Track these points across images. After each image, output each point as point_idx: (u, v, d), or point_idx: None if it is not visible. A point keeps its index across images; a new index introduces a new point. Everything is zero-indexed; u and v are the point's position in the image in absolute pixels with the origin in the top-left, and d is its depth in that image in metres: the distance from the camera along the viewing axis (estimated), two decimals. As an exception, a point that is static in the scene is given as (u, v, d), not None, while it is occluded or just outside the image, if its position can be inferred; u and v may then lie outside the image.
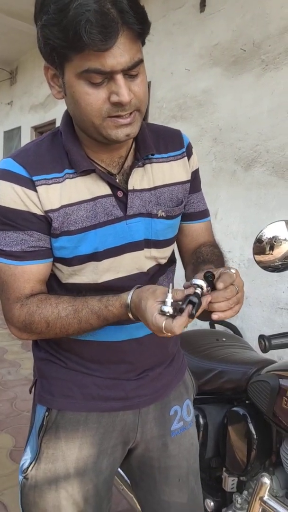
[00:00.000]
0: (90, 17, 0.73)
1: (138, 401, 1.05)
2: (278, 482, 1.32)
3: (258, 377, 1.39)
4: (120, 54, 0.78)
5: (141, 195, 0.97)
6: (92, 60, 0.78)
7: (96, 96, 0.81)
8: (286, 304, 2.69)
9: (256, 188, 2.87)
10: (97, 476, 1.03)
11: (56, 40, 0.77)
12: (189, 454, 1.14)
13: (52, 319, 0.91)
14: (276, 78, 2.66)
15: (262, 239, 1.04)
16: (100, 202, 0.94)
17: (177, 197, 1.03)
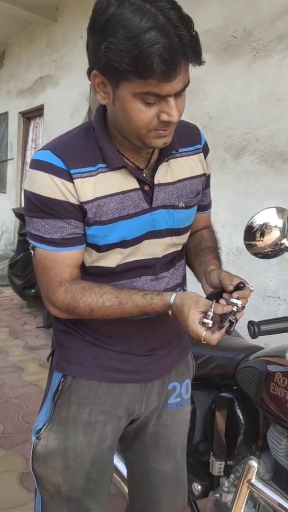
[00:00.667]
0: (162, 53, 0.80)
1: (146, 376, 1.15)
2: (265, 465, 1.34)
3: (246, 363, 1.41)
4: (176, 82, 0.86)
5: (165, 189, 1.06)
6: (153, 85, 0.85)
7: (148, 113, 0.89)
8: (273, 292, 2.71)
9: (245, 177, 2.87)
10: (103, 441, 1.13)
11: (123, 64, 0.83)
12: (180, 428, 1.26)
13: (97, 307, 1.01)
14: (267, 66, 2.66)
15: (253, 226, 1.05)
16: (129, 195, 1.02)
17: (196, 189, 1.13)
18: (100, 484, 1.15)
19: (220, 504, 1.39)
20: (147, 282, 1.11)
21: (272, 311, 2.74)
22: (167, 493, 1.28)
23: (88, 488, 1.13)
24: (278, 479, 1.29)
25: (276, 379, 1.21)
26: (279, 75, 2.59)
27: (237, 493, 1.14)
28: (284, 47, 2.56)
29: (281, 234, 1.05)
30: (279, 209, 1.05)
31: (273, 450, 1.28)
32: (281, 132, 2.61)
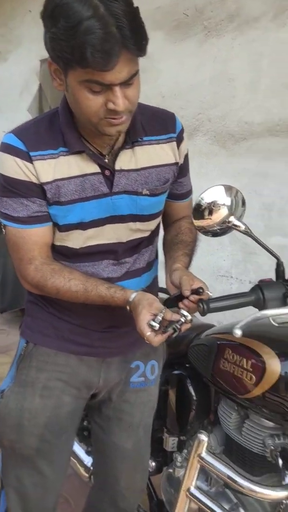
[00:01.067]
0: (95, 44, 0.83)
1: (102, 351, 1.22)
2: (216, 439, 1.37)
3: (197, 341, 1.43)
4: (118, 71, 0.89)
5: (127, 175, 1.10)
6: (94, 74, 0.89)
7: (95, 101, 0.93)
8: (226, 271, 2.76)
9: (198, 157, 2.88)
10: (60, 407, 1.21)
11: (64, 53, 0.88)
12: (144, 407, 1.33)
13: (63, 290, 1.09)
14: (218, 45, 2.65)
15: (201, 204, 1.05)
16: (88, 178, 1.07)
17: (164, 177, 1.16)
18: (55, 447, 1.24)
19: (173, 479, 1.42)
20: (108, 266, 1.17)
21: (225, 290, 2.79)
22: (126, 470, 1.33)
23: (41, 449, 1.22)
24: (229, 451, 1.32)
25: (226, 355, 1.23)
26: (230, 54, 2.59)
27: (188, 467, 1.17)
28: (235, 26, 2.56)
29: (229, 212, 1.06)
30: (227, 187, 1.06)
31: (224, 424, 1.31)
32: (233, 112, 2.63)
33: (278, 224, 2.44)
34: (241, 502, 1.27)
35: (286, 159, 2.39)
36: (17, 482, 1.27)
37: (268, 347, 1.14)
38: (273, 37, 2.39)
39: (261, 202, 2.50)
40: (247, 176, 2.57)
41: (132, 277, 1.21)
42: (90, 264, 1.15)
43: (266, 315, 1.01)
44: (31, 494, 1.27)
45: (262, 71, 2.47)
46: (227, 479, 1.10)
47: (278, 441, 1.18)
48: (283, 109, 2.38)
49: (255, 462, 1.24)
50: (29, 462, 1.23)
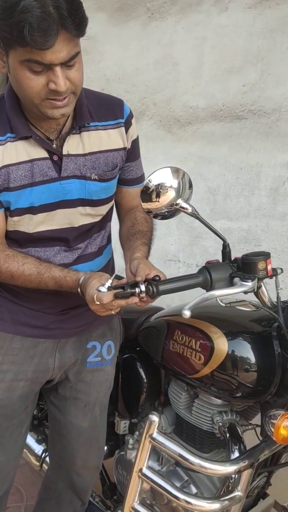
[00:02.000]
0: (32, 22, 0.84)
1: (58, 332, 1.24)
2: (167, 419, 1.40)
3: (147, 323, 1.44)
4: (58, 50, 0.89)
5: (75, 160, 1.11)
6: (34, 53, 0.89)
7: (36, 81, 0.93)
8: (174, 255, 2.80)
9: (144, 142, 2.85)
10: (13, 390, 1.22)
11: (3, 32, 0.88)
12: (100, 387, 1.35)
13: (17, 274, 1.11)
14: (162, 28, 2.64)
15: (149, 187, 1.04)
16: (37, 164, 1.07)
17: (112, 162, 1.17)
18: (5, 430, 1.25)
19: (125, 461, 1.44)
20: (60, 252, 1.18)
21: (173, 273, 2.82)
22: (82, 448, 1.36)
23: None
24: (180, 431, 1.35)
25: (175, 336, 1.25)
26: (174, 38, 2.59)
27: (139, 448, 1.18)
28: (178, 9, 2.55)
29: (176, 195, 1.06)
30: (174, 169, 1.06)
31: (174, 404, 1.33)
32: (177, 97, 2.63)
33: (223, 207, 2.49)
34: (192, 479, 1.30)
35: (230, 143, 2.43)
36: None
37: (215, 327, 1.17)
38: (215, 22, 2.41)
39: (207, 186, 2.54)
40: (193, 160, 2.59)
41: (84, 262, 1.22)
42: (42, 249, 1.16)
43: (214, 295, 1.03)
44: None
45: (205, 55, 2.48)
46: (178, 457, 1.12)
47: (226, 417, 1.22)
48: (226, 94, 2.41)
49: (205, 439, 1.28)
50: None
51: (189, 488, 1.28)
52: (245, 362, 1.13)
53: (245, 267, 1.06)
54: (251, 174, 2.38)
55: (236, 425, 1.21)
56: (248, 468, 1.08)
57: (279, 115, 2.24)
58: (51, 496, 1.47)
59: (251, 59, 2.31)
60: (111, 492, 1.59)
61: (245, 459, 1.09)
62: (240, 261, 1.08)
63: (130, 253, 1.16)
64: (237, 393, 1.15)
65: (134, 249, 1.17)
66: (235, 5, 2.32)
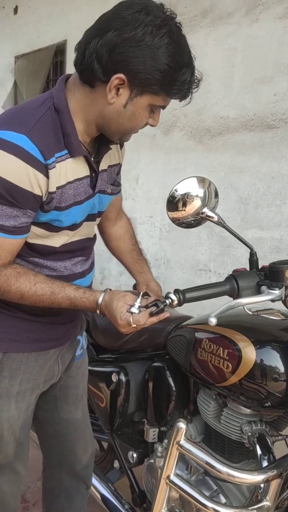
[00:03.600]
0: (192, 85, 1.03)
1: (64, 340, 1.28)
2: (196, 429, 1.40)
3: (175, 332, 1.45)
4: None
5: (102, 175, 1.15)
6: (167, 101, 1.04)
7: (145, 119, 1.05)
8: (204, 265, 2.79)
9: (175, 153, 2.90)
10: (29, 407, 1.25)
11: (164, 85, 0.98)
12: (83, 376, 1.42)
13: (28, 294, 1.07)
14: (192, 41, 2.63)
15: (175, 196, 1.06)
16: (82, 182, 1.09)
17: (116, 176, 1.25)
18: (26, 446, 1.28)
19: (154, 469, 1.44)
20: (81, 261, 1.21)
21: (204, 283, 2.82)
22: (80, 439, 1.40)
23: (18, 452, 1.24)
24: (209, 440, 1.35)
25: (203, 345, 1.25)
26: (204, 50, 2.62)
27: (167, 456, 1.18)
28: (209, 22, 2.59)
29: (202, 204, 1.08)
30: (200, 178, 1.08)
31: (203, 413, 1.33)
32: (208, 107, 2.65)
33: (254, 217, 2.48)
34: (221, 489, 1.29)
35: (261, 153, 2.43)
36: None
37: (243, 335, 1.16)
38: (245, 33, 2.43)
39: (237, 195, 2.54)
40: (223, 170, 2.60)
41: (93, 268, 1.30)
42: (65, 261, 1.18)
43: (240, 303, 1.03)
44: (8, 497, 1.29)
45: (236, 66, 2.50)
46: (206, 465, 1.11)
47: (255, 427, 1.21)
48: (256, 104, 2.41)
49: (234, 449, 1.27)
50: (7, 468, 1.25)
51: (218, 498, 1.27)
52: (273, 371, 1.12)
53: (273, 275, 1.06)
54: (282, 183, 2.36)
55: (266, 436, 1.20)
56: (277, 478, 1.07)
57: (311, 123, 2.23)
58: (59, 493, 1.49)
59: (282, 69, 2.30)
60: (140, 500, 1.59)
61: (273, 469, 1.08)
62: (268, 269, 1.08)
63: (144, 277, 1.42)
64: (266, 403, 1.14)
65: (146, 274, 1.45)
66: (266, 15, 2.33)
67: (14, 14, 4.15)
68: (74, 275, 1.19)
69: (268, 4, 2.32)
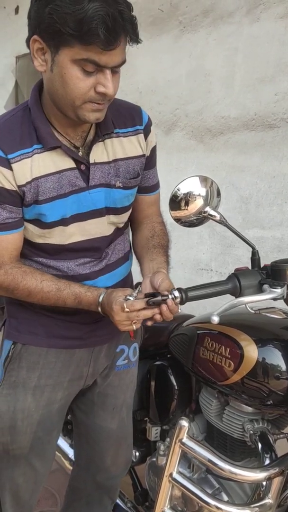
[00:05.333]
0: (107, 21, 0.85)
1: (93, 340, 1.24)
2: (198, 427, 1.40)
3: (177, 331, 1.45)
4: (115, 54, 0.90)
5: (101, 168, 1.10)
6: (93, 52, 0.89)
7: (85, 82, 0.93)
8: (206, 265, 2.80)
9: (176, 152, 2.90)
10: (51, 404, 1.23)
11: (66, 27, 0.86)
12: (127, 389, 1.38)
13: (35, 291, 1.09)
14: (194, 40, 2.67)
15: (177, 195, 1.07)
16: (65, 174, 1.06)
17: (133, 170, 1.16)
18: (46, 443, 1.27)
19: (157, 467, 1.44)
20: (91, 261, 1.17)
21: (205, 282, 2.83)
22: (111, 448, 1.38)
23: (34, 446, 1.24)
24: (211, 438, 1.35)
25: (206, 343, 1.26)
26: (205, 50, 2.62)
27: (170, 453, 1.19)
28: (210, 21, 2.59)
29: (204, 203, 1.08)
30: (202, 177, 1.08)
31: (205, 412, 1.34)
32: (209, 107, 2.66)
33: (256, 216, 2.48)
34: (223, 487, 1.30)
35: (262, 152, 2.43)
36: (11, 483, 1.28)
37: (245, 334, 1.17)
38: (247, 32, 2.43)
39: (239, 195, 2.54)
40: (224, 170, 2.60)
41: (109, 271, 1.22)
42: (73, 261, 1.15)
43: (243, 302, 1.04)
44: (23, 491, 1.29)
45: (237, 66, 2.50)
46: (208, 463, 1.12)
47: (257, 425, 1.21)
48: (258, 103, 2.41)
49: (236, 447, 1.27)
50: (22, 460, 1.25)
51: (220, 496, 1.27)
52: (275, 369, 1.12)
53: (274, 274, 1.07)
54: (283, 182, 2.36)
55: (268, 434, 1.20)
56: (279, 476, 1.07)
57: (312, 123, 2.23)
58: (81, 496, 1.48)
59: (283, 68, 2.30)
60: (143, 498, 1.60)
61: (275, 466, 1.08)
62: (269, 268, 1.09)
63: (153, 265, 1.17)
64: (268, 401, 1.15)
65: (159, 264, 1.17)
66: (267, 15, 2.33)
67: (15, 14, 4.16)
68: (80, 276, 1.16)
69: (269, 3, 2.32)
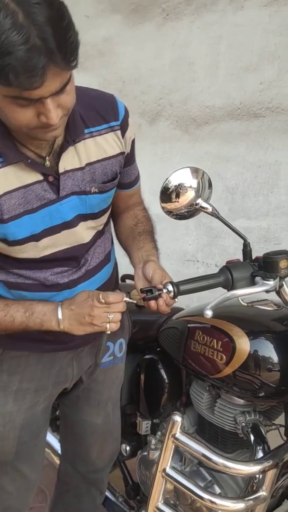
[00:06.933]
0: (17, 65, 0.72)
1: (76, 343, 1.20)
2: (189, 420, 1.40)
3: (167, 324, 1.44)
4: (48, 86, 0.78)
5: (73, 175, 1.01)
6: (21, 92, 0.77)
7: (24, 114, 0.82)
8: (192, 256, 2.79)
9: (161, 142, 2.87)
10: (35, 407, 1.21)
11: None
12: (112, 384, 1.37)
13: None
14: (177, 28, 2.63)
15: (168, 187, 1.05)
16: (31, 189, 0.97)
17: (111, 171, 1.08)
18: (33, 447, 1.24)
19: (148, 461, 1.44)
20: (69, 270, 1.11)
21: (192, 273, 2.81)
22: (97, 443, 1.38)
23: (20, 451, 1.21)
24: (202, 431, 1.35)
25: (197, 337, 1.25)
26: (189, 38, 2.58)
27: (163, 448, 1.18)
28: (193, 9, 2.55)
29: (196, 194, 1.06)
30: (193, 169, 1.06)
31: (196, 405, 1.33)
32: (194, 96, 2.63)
33: (242, 206, 2.47)
34: (215, 479, 1.30)
35: (247, 142, 2.42)
36: (1, 492, 1.25)
37: (237, 326, 1.16)
38: (230, 20, 2.40)
39: (224, 185, 2.53)
40: (210, 160, 2.58)
41: (91, 276, 1.17)
42: (49, 270, 1.09)
43: (235, 295, 1.02)
44: (14, 498, 1.27)
45: (221, 54, 2.47)
46: (202, 457, 1.11)
47: (249, 417, 1.21)
48: (243, 92, 2.40)
49: (228, 439, 1.27)
50: (9, 467, 1.23)
51: (213, 488, 1.28)
52: (267, 361, 1.12)
53: (267, 266, 1.06)
54: (269, 172, 2.35)
55: (260, 425, 1.20)
56: (273, 468, 1.07)
57: (297, 112, 2.22)
58: (69, 489, 1.49)
59: (268, 57, 2.29)
60: (134, 492, 1.60)
61: (269, 459, 1.08)
62: (262, 260, 1.08)
63: (142, 254, 1.13)
64: (260, 393, 1.15)
65: (147, 251, 1.13)
66: (251, 3, 2.31)
67: None
68: (58, 285, 1.11)
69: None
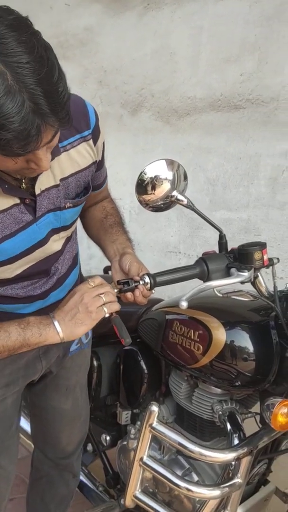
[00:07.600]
0: (11, 139, 0.71)
1: None
2: (168, 409, 1.42)
3: (146, 315, 1.45)
4: (41, 141, 0.76)
5: (48, 194, 0.99)
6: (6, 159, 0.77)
7: (14, 164, 0.80)
8: (174, 247, 2.80)
9: (143, 133, 2.86)
10: (4, 400, 1.21)
11: None
12: (79, 369, 1.38)
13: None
14: (158, 18, 2.61)
15: (144, 179, 1.05)
16: (9, 213, 0.95)
17: (84, 182, 1.07)
18: (7, 440, 1.25)
19: (128, 451, 1.45)
20: (40, 281, 1.11)
21: (174, 265, 2.81)
22: (66, 428, 1.40)
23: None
24: (181, 420, 1.37)
25: (174, 327, 1.26)
26: (170, 28, 2.57)
27: (140, 438, 1.19)
28: (175, -1, 2.53)
29: (171, 187, 1.07)
30: (169, 161, 1.06)
31: (175, 394, 1.35)
32: (175, 87, 2.62)
33: (222, 198, 2.49)
34: (193, 467, 1.32)
35: (228, 133, 2.42)
36: None
37: (213, 317, 1.18)
38: (211, 11, 2.39)
39: (206, 177, 2.54)
40: (191, 151, 2.59)
41: (62, 282, 1.17)
42: (20, 284, 1.08)
43: (211, 286, 1.04)
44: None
45: (202, 45, 2.47)
46: (178, 446, 1.13)
47: (226, 406, 1.23)
48: (223, 84, 2.40)
49: (205, 428, 1.29)
50: None
51: (191, 476, 1.30)
52: (243, 351, 1.14)
53: (242, 257, 1.07)
54: (250, 164, 2.37)
55: (236, 414, 1.22)
56: (247, 455, 1.10)
57: (277, 104, 2.23)
58: (41, 475, 1.52)
59: (248, 48, 2.29)
60: (114, 482, 1.61)
61: (244, 446, 1.10)
62: (237, 251, 1.09)
63: (117, 246, 1.14)
64: (236, 382, 1.16)
65: (122, 244, 1.14)
66: (232, -7, 2.30)
67: None
68: (32, 297, 1.11)
69: (234, -19, 2.29)
